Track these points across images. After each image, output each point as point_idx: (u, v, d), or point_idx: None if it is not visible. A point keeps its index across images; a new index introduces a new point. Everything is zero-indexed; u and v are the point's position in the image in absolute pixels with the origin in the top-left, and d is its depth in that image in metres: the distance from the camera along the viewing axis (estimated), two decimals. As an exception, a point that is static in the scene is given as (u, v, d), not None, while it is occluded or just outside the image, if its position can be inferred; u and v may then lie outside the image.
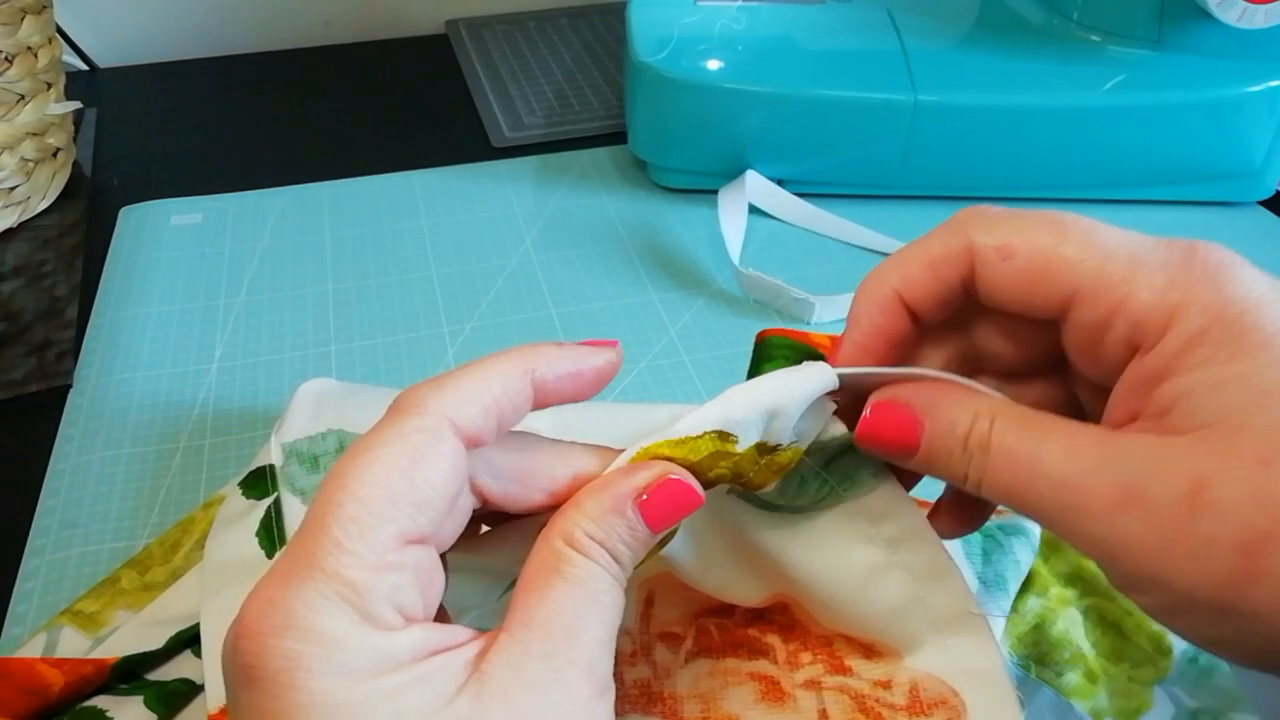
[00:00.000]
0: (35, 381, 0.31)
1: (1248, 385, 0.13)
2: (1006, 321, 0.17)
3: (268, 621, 0.13)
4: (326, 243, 0.38)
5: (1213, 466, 0.13)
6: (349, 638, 0.13)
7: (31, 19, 0.37)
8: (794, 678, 0.19)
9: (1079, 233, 0.15)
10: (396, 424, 0.14)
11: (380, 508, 0.13)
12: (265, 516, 0.24)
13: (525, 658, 0.14)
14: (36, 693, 0.21)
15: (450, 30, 0.55)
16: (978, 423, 0.15)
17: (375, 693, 0.13)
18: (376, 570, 0.13)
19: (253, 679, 0.13)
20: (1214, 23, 0.34)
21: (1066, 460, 0.14)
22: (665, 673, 0.19)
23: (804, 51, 0.39)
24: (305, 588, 0.13)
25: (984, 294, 0.16)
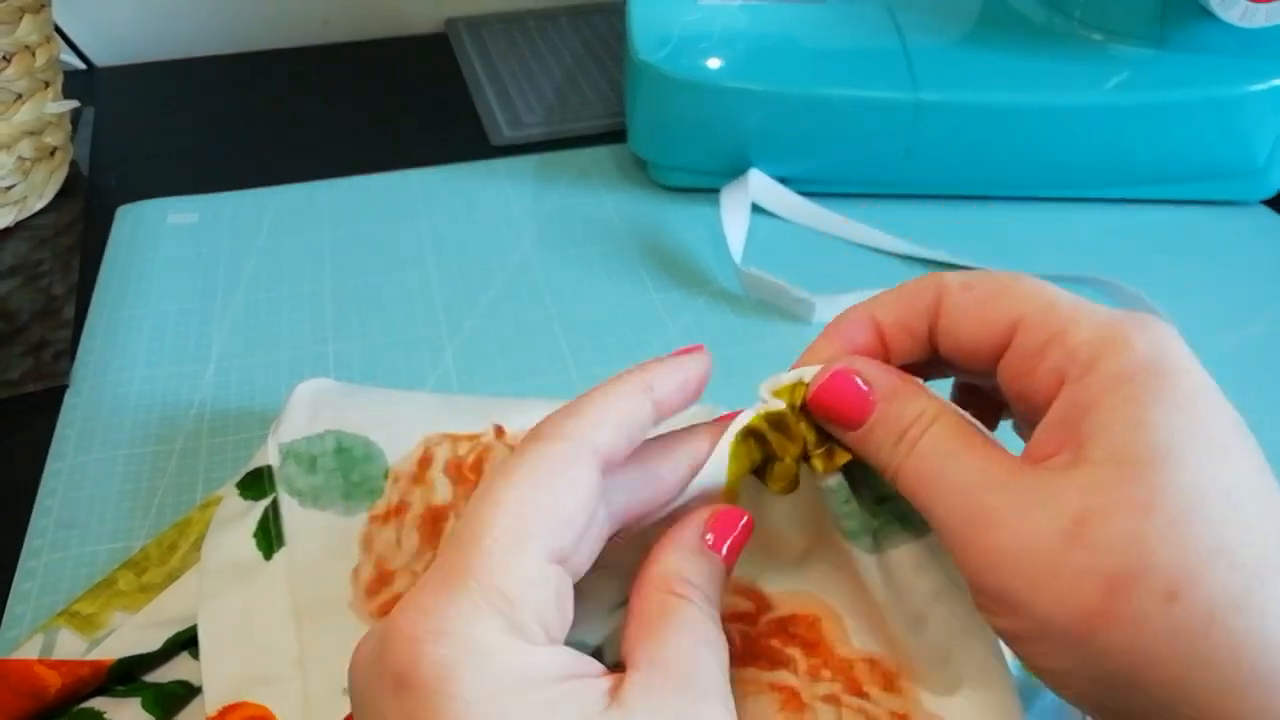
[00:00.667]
0: (32, 381, 0.31)
1: (1157, 433, 0.14)
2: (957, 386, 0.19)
3: (423, 628, 0.13)
4: (324, 242, 0.38)
5: (1099, 504, 0.14)
6: (502, 648, 0.13)
7: (30, 18, 0.37)
8: (814, 690, 0.19)
9: (1034, 281, 0.17)
10: (540, 448, 0.15)
11: (531, 525, 0.14)
12: (262, 518, 0.23)
13: (660, 691, 0.14)
14: (33, 694, 0.20)
15: (449, 29, 0.55)
16: (922, 418, 0.16)
17: (528, 705, 0.13)
18: (526, 585, 0.14)
19: (406, 685, 0.13)
20: (1216, 21, 0.34)
21: (973, 472, 0.15)
22: None
23: (805, 50, 0.38)
24: (460, 597, 0.13)
25: (944, 323, 0.17)
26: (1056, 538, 0.14)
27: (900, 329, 0.18)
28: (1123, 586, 0.13)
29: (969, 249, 0.37)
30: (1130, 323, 0.15)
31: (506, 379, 0.31)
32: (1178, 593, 0.13)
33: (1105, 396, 0.14)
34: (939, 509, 0.15)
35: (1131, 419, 0.14)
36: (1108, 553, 0.13)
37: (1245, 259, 0.37)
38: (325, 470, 0.24)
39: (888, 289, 0.18)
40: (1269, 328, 0.34)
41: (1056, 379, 0.15)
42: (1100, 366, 0.15)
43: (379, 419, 0.25)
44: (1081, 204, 0.40)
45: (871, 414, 0.17)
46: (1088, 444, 0.14)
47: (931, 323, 0.17)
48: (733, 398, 0.31)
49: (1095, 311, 0.16)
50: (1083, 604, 0.13)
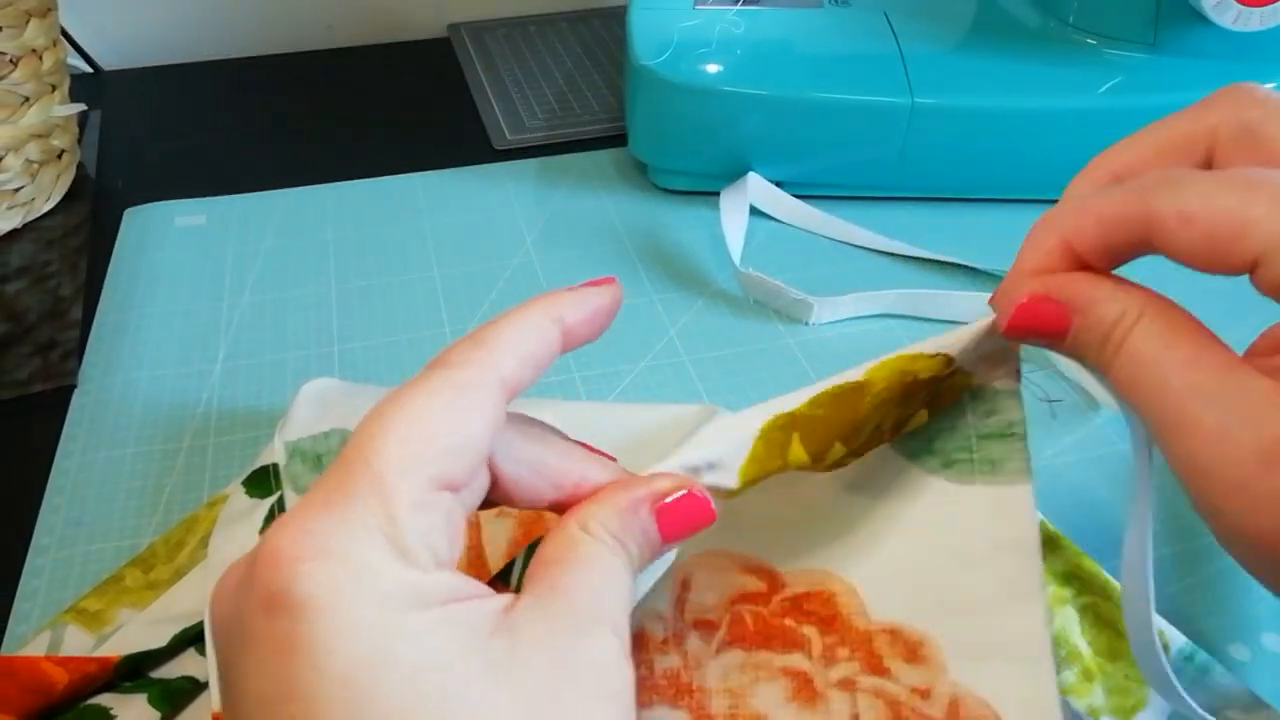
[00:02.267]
0: (40, 381, 0.31)
1: None
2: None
3: (301, 546, 0.12)
4: (330, 244, 0.38)
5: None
6: (387, 570, 0.13)
7: (36, 22, 0.37)
8: (828, 675, 0.18)
9: (1266, 192, 0.14)
10: (441, 373, 0.15)
11: (422, 449, 0.14)
12: (268, 515, 0.24)
13: (554, 613, 0.14)
14: (40, 691, 0.21)
15: (452, 34, 0.56)
16: (1124, 319, 0.16)
17: (410, 626, 0.12)
18: (414, 509, 0.13)
19: (279, 605, 0.12)
20: (1210, 25, 0.34)
21: (1177, 375, 0.15)
22: (696, 663, 0.19)
23: (802, 55, 0.39)
24: (345, 518, 0.13)
25: (1167, 254, 0.16)
26: (1253, 456, 0.14)
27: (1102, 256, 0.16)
28: None
29: (964, 251, 0.37)
30: None
31: (508, 379, 0.32)
32: None
33: None
34: (1145, 412, 0.15)
35: None
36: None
37: (1240, 261, 0.38)
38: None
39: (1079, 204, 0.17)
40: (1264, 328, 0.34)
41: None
42: None
43: None
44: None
45: (1070, 328, 0.16)
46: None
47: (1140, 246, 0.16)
48: (732, 398, 0.31)
49: None
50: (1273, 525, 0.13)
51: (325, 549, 0.12)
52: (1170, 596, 0.24)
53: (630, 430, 0.25)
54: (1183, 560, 0.25)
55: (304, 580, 0.12)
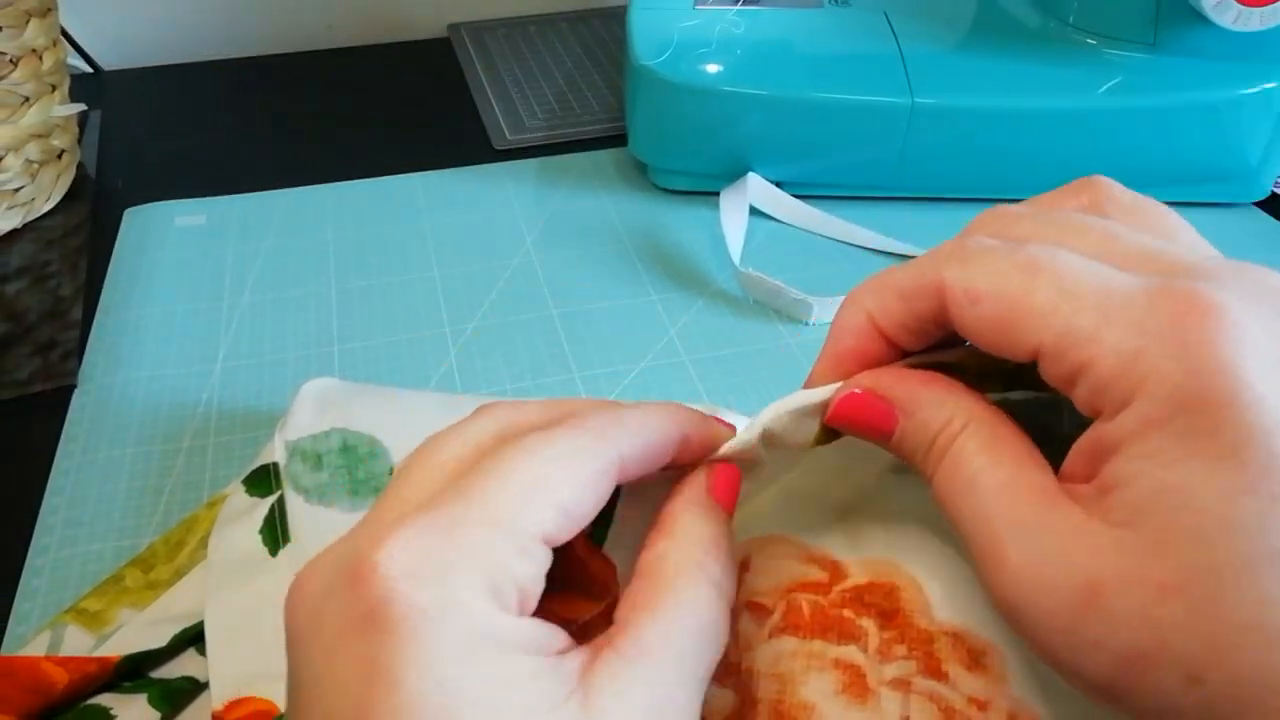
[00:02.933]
0: (40, 381, 0.31)
1: (1187, 501, 0.12)
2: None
3: (403, 565, 0.12)
4: (329, 244, 0.38)
5: (1114, 575, 0.12)
6: (481, 608, 0.12)
7: (36, 22, 0.37)
8: (882, 672, 0.17)
9: (1051, 278, 0.13)
10: (573, 435, 0.15)
11: (543, 502, 0.14)
12: (268, 515, 0.24)
13: (633, 678, 0.13)
14: (40, 691, 0.21)
15: (452, 34, 0.56)
16: (949, 427, 0.15)
17: (492, 674, 0.12)
18: (519, 555, 0.13)
19: (374, 624, 0.12)
20: (1209, 25, 0.34)
21: (995, 500, 0.14)
22: (746, 645, 0.18)
23: (802, 55, 0.39)
24: (454, 545, 0.13)
25: (958, 330, 0.15)
26: (1070, 600, 0.13)
27: (904, 331, 0.16)
28: (1138, 664, 0.12)
29: (966, 251, 0.37)
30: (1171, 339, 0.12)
31: (509, 379, 0.32)
32: (1201, 676, 0.12)
33: (1133, 444, 0.12)
34: (961, 534, 0.14)
35: (1158, 479, 0.12)
36: (1119, 629, 0.12)
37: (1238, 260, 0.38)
38: (331, 468, 0.24)
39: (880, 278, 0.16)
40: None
41: (1091, 410, 0.13)
42: (1132, 407, 0.12)
43: (383, 418, 0.25)
44: (1077, 207, 0.40)
45: (896, 428, 0.15)
46: (1110, 495, 0.13)
47: (940, 322, 0.15)
48: (732, 398, 0.31)
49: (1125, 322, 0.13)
50: (1100, 674, 0.12)
51: (427, 573, 0.12)
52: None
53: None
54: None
55: (401, 601, 0.12)
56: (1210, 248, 0.16)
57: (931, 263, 0.15)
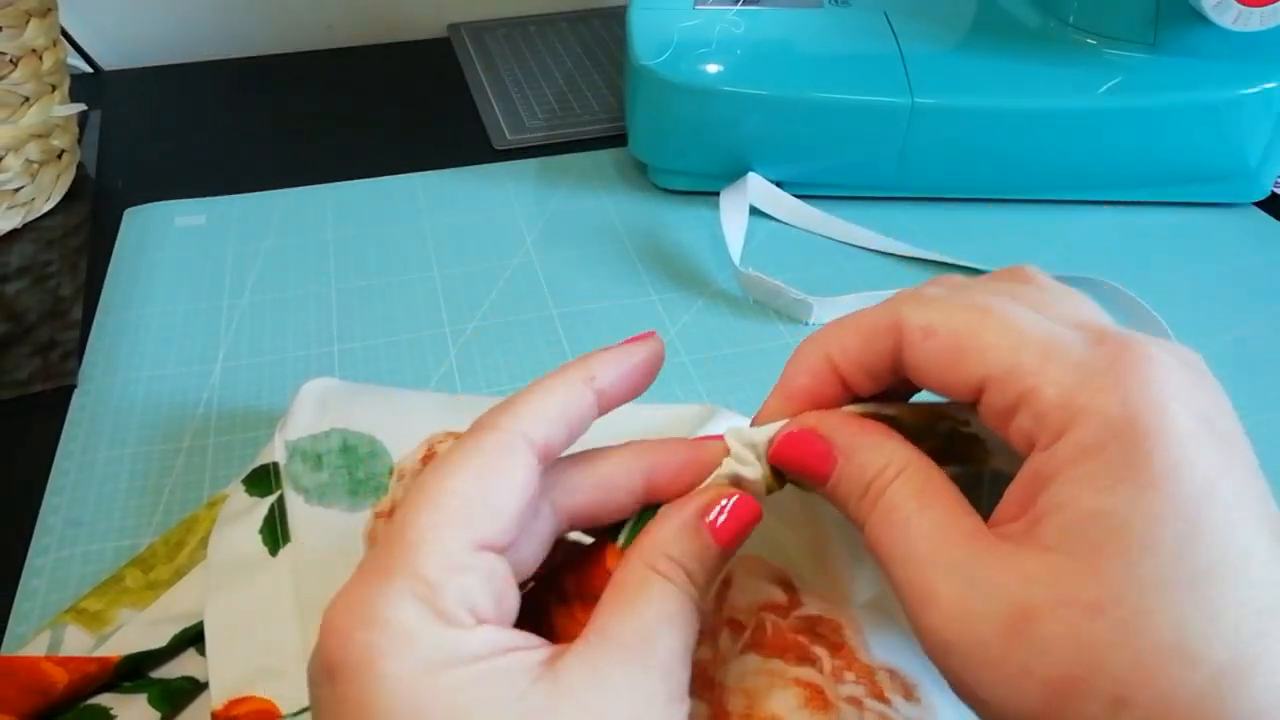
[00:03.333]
0: (40, 381, 0.31)
1: (1116, 524, 0.12)
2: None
3: (349, 618, 0.14)
4: (329, 244, 0.38)
5: (1045, 599, 0.13)
6: (424, 632, 0.14)
7: (36, 22, 0.37)
8: (838, 690, 0.18)
9: (1000, 319, 0.15)
10: (473, 440, 0.15)
11: (454, 515, 0.14)
12: (268, 514, 0.24)
13: (600, 661, 0.14)
14: (40, 691, 0.21)
15: (452, 34, 0.56)
16: (885, 471, 0.15)
17: (450, 682, 0.13)
18: (449, 571, 0.14)
19: (335, 673, 0.13)
20: (1209, 25, 0.35)
21: (925, 542, 0.14)
22: (723, 660, 0.19)
23: (802, 55, 0.39)
24: (384, 586, 0.14)
25: (909, 370, 0.16)
26: (999, 629, 0.13)
27: (860, 371, 0.17)
28: (1066, 690, 0.12)
29: (963, 251, 0.37)
30: (1109, 376, 0.13)
31: (509, 379, 0.32)
32: (1126, 699, 0.12)
33: (1066, 471, 0.13)
34: (893, 575, 0.15)
35: (1090, 501, 0.13)
36: (1049, 654, 0.12)
37: (1237, 260, 0.38)
38: (331, 468, 0.24)
39: (840, 320, 0.17)
40: (1260, 329, 0.34)
41: (1028, 441, 0.14)
42: (1068, 436, 0.13)
43: (383, 418, 0.25)
44: (1075, 206, 0.40)
45: (834, 470, 0.16)
46: (1041, 523, 0.13)
47: (894, 363, 0.16)
48: (732, 398, 0.31)
49: (1067, 360, 0.14)
50: (1028, 704, 0.13)
51: (368, 618, 0.14)
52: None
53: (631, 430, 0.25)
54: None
55: (350, 648, 0.13)
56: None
57: (890, 305, 0.16)
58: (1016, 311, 0.15)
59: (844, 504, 0.16)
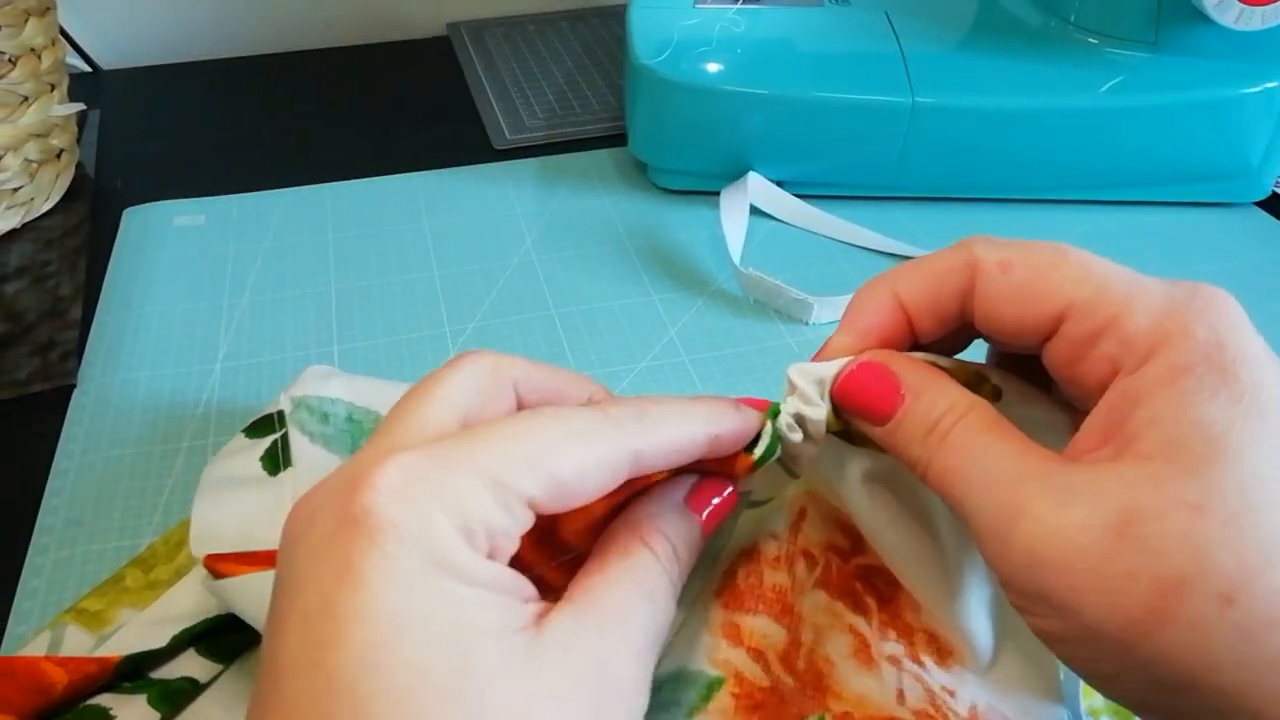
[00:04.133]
0: (39, 381, 0.31)
1: (1214, 431, 0.13)
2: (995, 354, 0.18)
3: (396, 481, 0.13)
4: (329, 243, 0.38)
5: (1147, 502, 0.13)
6: (449, 539, 0.13)
7: (35, 21, 0.37)
8: (881, 647, 0.19)
9: (1079, 257, 0.15)
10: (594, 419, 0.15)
11: (538, 464, 0.14)
12: (270, 447, 0.24)
13: (583, 627, 0.14)
14: (40, 691, 0.21)
15: (452, 32, 0.55)
16: (951, 412, 0.16)
17: (448, 594, 0.13)
18: (501, 507, 0.14)
19: (354, 521, 0.13)
20: (1211, 24, 0.34)
21: (1009, 465, 0.14)
22: (800, 589, 0.19)
23: (802, 54, 0.39)
24: (443, 481, 0.13)
25: (981, 307, 0.16)
26: (1102, 535, 0.13)
27: (928, 312, 0.17)
28: (1176, 589, 0.12)
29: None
30: (1192, 306, 0.14)
31: (508, 379, 0.32)
32: (1234, 596, 0.12)
33: (1160, 389, 0.14)
34: (972, 503, 0.15)
35: (1187, 413, 0.13)
36: (1159, 553, 0.13)
37: (1238, 259, 0.38)
38: (336, 427, 0.24)
39: (905, 263, 0.17)
40: (1261, 328, 0.34)
41: (1110, 368, 0.14)
42: (1158, 358, 0.14)
43: (388, 396, 0.25)
44: (1076, 206, 0.40)
45: (900, 408, 0.16)
46: (1139, 437, 0.13)
47: (964, 303, 0.16)
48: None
49: (1151, 293, 0.15)
50: (1133, 607, 0.13)
51: (412, 495, 0.13)
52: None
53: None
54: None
55: (382, 513, 0.13)
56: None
57: (960, 247, 0.17)
58: (1090, 254, 0.15)
59: (906, 443, 0.16)
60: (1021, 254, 0.16)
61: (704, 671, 0.18)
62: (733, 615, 0.19)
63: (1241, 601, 0.12)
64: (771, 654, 0.19)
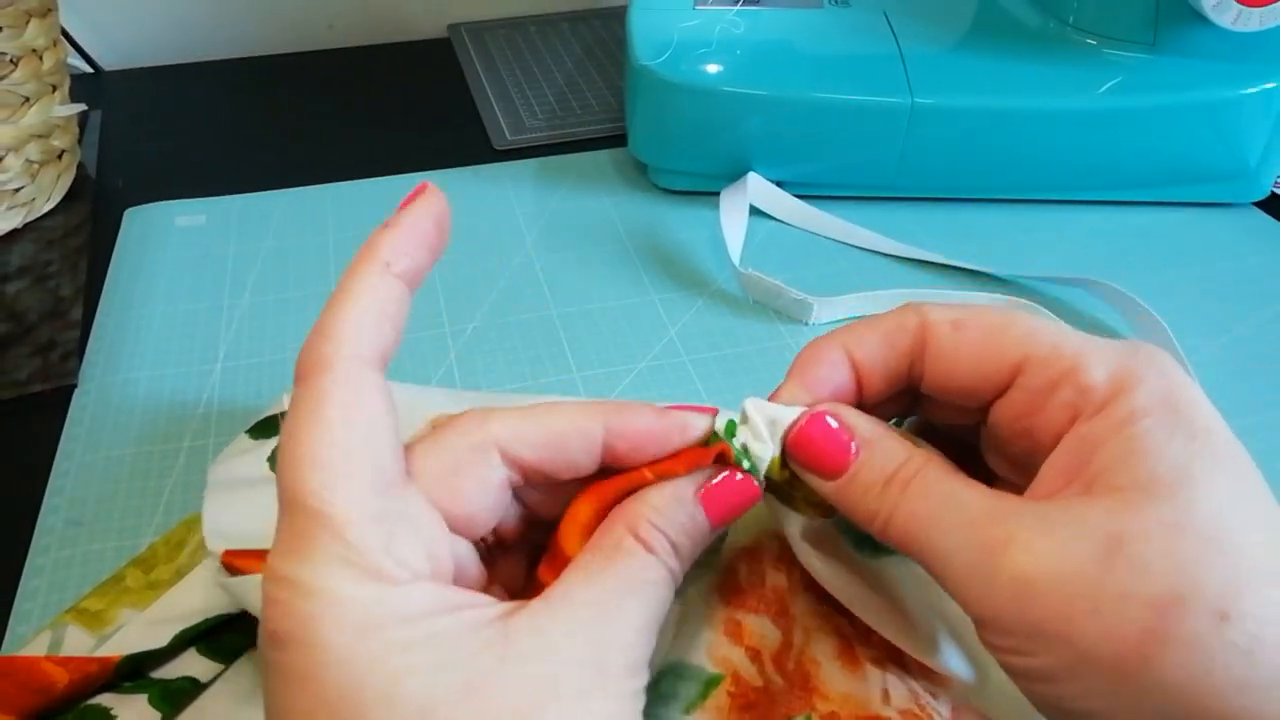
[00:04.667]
0: (40, 381, 0.31)
1: (1179, 463, 0.14)
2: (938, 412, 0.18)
3: (283, 590, 0.13)
4: (330, 244, 0.38)
5: (1130, 526, 0.13)
6: (356, 594, 0.13)
7: (36, 22, 0.37)
8: (865, 649, 0.19)
9: (1028, 318, 0.16)
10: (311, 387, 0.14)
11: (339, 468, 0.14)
12: (276, 448, 0.24)
13: (551, 625, 0.14)
14: (41, 691, 0.21)
15: (452, 34, 0.56)
16: (911, 462, 0.16)
17: (388, 644, 0.13)
18: (363, 523, 0.13)
19: (281, 642, 0.13)
20: (1209, 25, 0.35)
21: (980, 506, 0.15)
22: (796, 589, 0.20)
23: (802, 55, 0.39)
24: (306, 556, 0.13)
25: (933, 365, 0.16)
26: (1091, 559, 0.13)
27: (878, 369, 0.17)
28: (1172, 607, 0.12)
29: (963, 251, 0.37)
30: (1139, 358, 0.15)
31: (508, 379, 0.32)
32: (1228, 612, 0.12)
33: (1123, 429, 0.14)
34: (945, 545, 0.14)
35: (1151, 450, 0.14)
36: (1151, 573, 0.13)
37: (1236, 260, 0.38)
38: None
39: (861, 320, 0.18)
40: (1260, 328, 0.34)
41: (1068, 415, 0.15)
42: (1117, 402, 0.14)
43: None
44: (1075, 206, 0.40)
45: (852, 463, 0.16)
46: (1107, 472, 0.14)
47: (913, 363, 0.17)
48: (732, 398, 0.31)
49: (1102, 347, 0.15)
50: (1130, 630, 0.13)
51: (301, 589, 0.13)
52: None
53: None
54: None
55: (290, 619, 0.13)
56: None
57: (907, 309, 0.17)
58: (1034, 318, 0.16)
59: (861, 497, 0.16)
60: (972, 315, 0.16)
61: (704, 668, 0.18)
62: (735, 612, 0.19)
63: (1236, 618, 0.12)
64: (766, 654, 0.19)
